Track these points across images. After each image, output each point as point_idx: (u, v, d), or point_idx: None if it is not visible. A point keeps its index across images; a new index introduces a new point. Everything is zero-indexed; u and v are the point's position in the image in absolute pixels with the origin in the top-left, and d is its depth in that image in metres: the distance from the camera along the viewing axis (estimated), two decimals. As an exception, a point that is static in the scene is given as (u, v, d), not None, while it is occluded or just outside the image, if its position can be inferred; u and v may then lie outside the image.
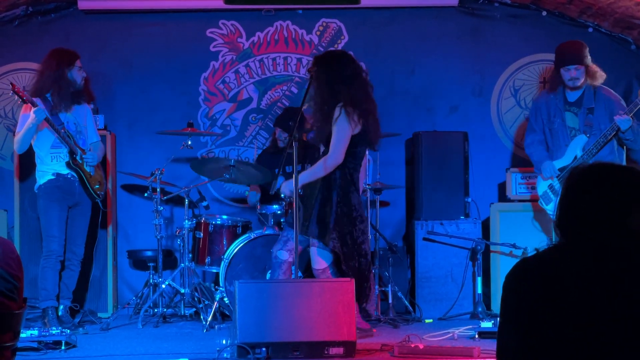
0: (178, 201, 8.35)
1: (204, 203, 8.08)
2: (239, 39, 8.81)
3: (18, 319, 3.32)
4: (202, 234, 7.67)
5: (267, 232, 7.38)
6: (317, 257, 6.47)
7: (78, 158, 7.27)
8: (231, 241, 7.53)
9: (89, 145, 7.48)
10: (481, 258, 7.81)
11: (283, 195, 6.78)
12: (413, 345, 5.93)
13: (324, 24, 8.84)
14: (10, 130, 8.37)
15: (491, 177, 8.65)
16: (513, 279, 2.57)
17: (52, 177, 7.26)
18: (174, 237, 8.39)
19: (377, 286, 7.69)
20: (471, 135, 8.39)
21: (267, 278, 6.95)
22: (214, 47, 8.80)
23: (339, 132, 6.35)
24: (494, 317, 6.80)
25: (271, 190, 6.34)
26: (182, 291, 7.58)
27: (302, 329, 5.64)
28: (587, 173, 2.58)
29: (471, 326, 6.81)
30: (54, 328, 6.46)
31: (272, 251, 6.61)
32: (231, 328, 6.20)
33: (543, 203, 7.27)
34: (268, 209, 7.59)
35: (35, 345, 6.14)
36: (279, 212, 7.50)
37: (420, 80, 8.81)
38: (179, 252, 7.95)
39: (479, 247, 7.77)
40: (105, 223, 8.01)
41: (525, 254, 7.75)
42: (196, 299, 7.54)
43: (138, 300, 7.83)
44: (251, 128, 8.78)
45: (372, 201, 7.90)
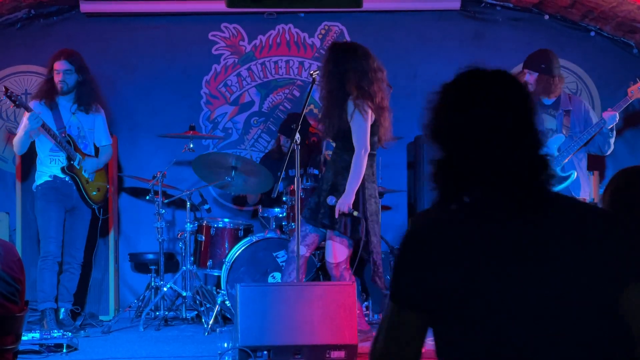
0: (180, 204, 8.35)
1: (206, 206, 8.08)
2: (241, 42, 8.82)
3: (20, 322, 3.32)
4: (204, 237, 7.67)
5: (269, 236, 7.37)
6: (333, 251, 6.42)
7: (76, 164, 7.26)
8: (233, 244, 7.53)
9: (95, 148, 7.49)
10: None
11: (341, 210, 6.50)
12: (414, 348, 5.91)
13: (326, 27, 8.85)
14: (12, 133, 8.37)
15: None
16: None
17: (49, 179, 7.28)
18: (176, 240, 8.40)
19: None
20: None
21: (269, 281, 6.95)
22: (216, 50, 8.81)
23: (358, 126, 6.25)
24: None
25: (273, 193, 6.33)
26: (184, 294, 7.58)
27: (304, 332, 5.64)
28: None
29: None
30: (55, 331, 6.46)
31: (289, 245, 6.58)
32: (232, 331, 6.20)
33: None
34: (270, 212, 7.58)
35: (36, 348, 6.15)
36: (281, 216, 7.49)
37: (422, 83, 8.80)
38: (181, 255, 7.95)
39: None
40: (105, 230, 8.01)
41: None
42: (198, 302, 7.54)
43: (140, 303, 7.82)
44: (253, 131, 8.78)
45: (374, 204, 7.89)
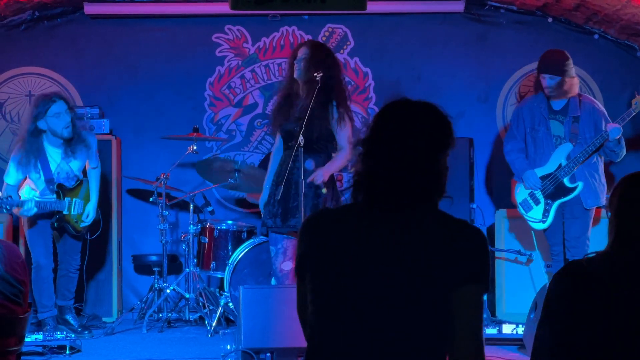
0: (183, 206, 8.35)
1: (209, 208, 8.08)
2: (245, 44, 8.82)
3: (23, 324, 3.32)
4: (207, 239, 7.67)
5: (272, 238, 7.36)
6: None
7: (65, 211, 7.13)
8: (236, 246, 7.53)
9: (81, 172, 7.39)
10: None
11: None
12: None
13: (330, 30, 8.85)
14: (16, 135, 8.36)
15: (496, 184, 8.65)
16: (563, 282, 2.59)
17: (39, 202, 7.01)
18: (179, 242, 8.40)
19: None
20: (476, 141, 8.39)
21: (272, 283, 6.94)
22: (220, 52, 8.81)
23: (347, 129, 6.32)
24: (499, 324, 6.79)
25: (277, 195, 6.31)
26: (187, 296, 7.58)
27: (307, 335, 5.63)
28: None
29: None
30: (59, 332, 6.46)
31: (275, 267, 6.51)
32: (236, 333, 6.20)
33: (522, 210, 7.18)
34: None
35: (40, 349, 6.15)
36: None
37: (426, 86, 8.79)
38: (184, 257, 7.95)
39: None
40: (108, 231, 8.03)
41: (530, 261, 7.75)
42: (201, 304, 7.53)
43: (143, 305, 7.82)
44: (256, 133, 8.78)
45: (377, 207, 7.87)
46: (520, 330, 6.41)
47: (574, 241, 6.95)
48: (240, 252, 7.35)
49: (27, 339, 5.74)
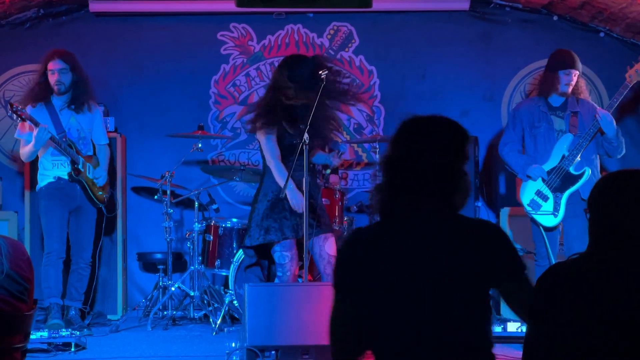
0: (188, 204, 8.36)
1: (214, 206, 8.08)
2: (250, 42, 8.82)
3: (28, 321, 3.33)
4: (212, 237, 7.67)
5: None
6: (334, 245, 6.45)
7: (80, 167, 7.24)
8: (241, 244, 7.52)
9: (94, 147, 7.48)
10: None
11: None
12: (422, 349, 5.91)
13: (335, 28, 8.84)
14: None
15: (501, 182, 8.64)
16: (545, 283, 2.61)
17: (53, 180, 7.24)
18: (184, 240, 8.40)
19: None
20: (481, 140, 8.38)
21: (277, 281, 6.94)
22: (225, 50, 8.81)
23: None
24: (503, 322, 6.77)
25: (280, 193, 6.29)
26: (192, 294, 7.59)
27: (312, 333, 5.63)
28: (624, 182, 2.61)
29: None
30: (64, 330, 6.46)
31: (290, 273, 6.37)
32: (240, 331, 6.20)
33: (531, 210, 7.10)
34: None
35: (45, 346, 6.16)
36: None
37: (430, 84, 8.80)
38: (189, 255, 7.95)
39: (489, 251, 7.73)
40: (110, 229, 8.01)
41: (534, 259, 7.74)
42: (205, 302, 7.54)
43: (147, 302, 7.83)
44: (261, 131, 8.77)
45: (382, 205, 7.87)
46: (525, 328, 6.39)
47: (573, 242, 6.91)
48: (245, 250, 7.36)
49: (33, 336, 5.73)
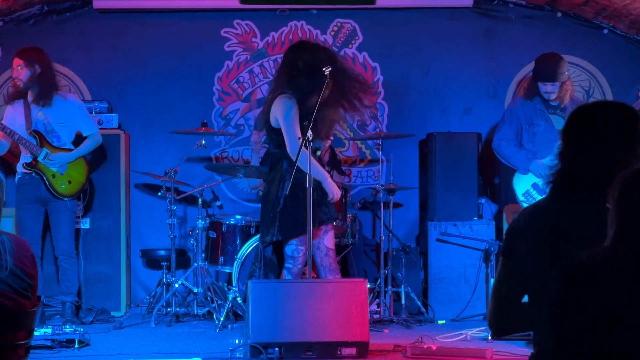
0: (192, 201, 8.36)
1: (218, 203, 8.09)
2: (254, 39, 8.82)
3: (32, 317, 3.33)
4: (216, 234, 7.67)
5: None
6: (333, 238, 6.45)
7: (40, 159, 7.26)
8: (244, 241, 7.53)
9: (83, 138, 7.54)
10: (494, 259, 7.80)
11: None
12: (426, 346, 5.92)
13: (339, 24, 8.84)
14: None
15: (504, 178, 8.63)
16: (562, 278, 2.62)
17: (20, 175, 7.40)
18: (188, 237, 8.41)
19: (390, 287, 7.70)
20: (485, 136, 8.38)
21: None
22: (229, 47, 8.81)
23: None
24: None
25: (285, 190, 6.28)
26: (195, 291, 7.59)
27: (315, 329, 5.64)
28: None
29: (484, 327, 6.79)
30: (67, 326, 6.47)
31: (301, 266, 6.31)
32: (244, 328, 6.21)
33: (524, 200, 7.16)
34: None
35: (48, 343, 6.16)
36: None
37: (434, 81, 8.80)
38: (192, 252, 7.95)
39: (492, 249, 7.76)
40: (117, 225, 8.07)
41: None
42: (209, 299, 7.54)
43: (151, 299, 7.83)
44: (265, 128, 8.77)
45: (386, 202, 7.88)
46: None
47: None
48: (248, 247, 7.36)
49: (36, 333, 5.73)
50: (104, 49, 8.69)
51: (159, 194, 7.83)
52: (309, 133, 5.91)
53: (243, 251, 7.37)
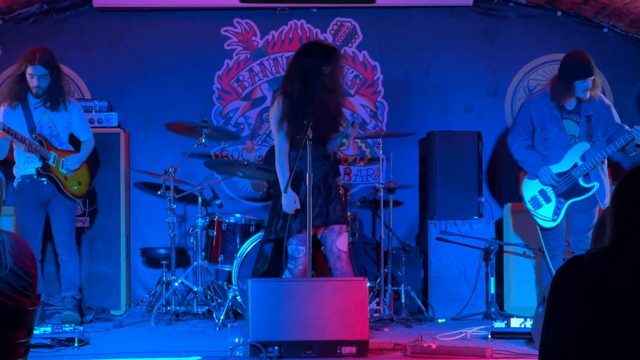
0: (191, 199, 8.36)
1: (218, 201, 8.09)
2: (254, 38, 8.82)
3: (32, 316, 3.33)
4: (216, 233, 7.67)
5: (280, 231, 7.36)
6: (346, 240, 6.47)
7: (51, 162, 7.25)
8: (244, 240, 7.53)
9: (79, 142, 7.50)
10: (494, 258, 7.81)
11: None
12: (425, 344, 5.92)
13: (339, 23, 8.84)
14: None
15: (504, 177, 8.64)
16: (563, 278, 2.58)
17: (20, 180, 7.34)
18: (187, 235, 8.41)
19: (390, 286, 7.70)
20: (485, 135, 8.38)
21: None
22: (229, 46, 8.81)
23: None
24: (507, 318, 6.78)
25: (285, 189, 6.28)
26: (195, 289, 7.59)
27: (315, 328, 5.64)
28: None
29: (484, 326, 6.81)
30: (67, 325, 6.46)
31: (302, 267, 6.34)
32: (244, 326, 6.21)
33: (531, 207, 7.04)
34: (281, 208, 7.57)
35: (48, 342, 6.16)
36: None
37: (434, 79, 8.80)
38: (192, 250, 7.96)
39: (492, 247, 7.76)
40: (117, 224, 8.06)
41: (537, 255, 7.74)
42: (209, 297, 7.55)
43: (151, 298, 7.84)
44: (265, 126, 8.78)
45: (386, 200, 7.88)
46: (528, 324, 6.40)
47: (581, 235, 6.87)
48: (248, 246, 7.36)
49: (36, 332, 5.75)
50: (104, 48, 8.69)
51: (159, 193, 7.83)
52: (309, 131, 5.93)
53: (243, 250, 7.37)
